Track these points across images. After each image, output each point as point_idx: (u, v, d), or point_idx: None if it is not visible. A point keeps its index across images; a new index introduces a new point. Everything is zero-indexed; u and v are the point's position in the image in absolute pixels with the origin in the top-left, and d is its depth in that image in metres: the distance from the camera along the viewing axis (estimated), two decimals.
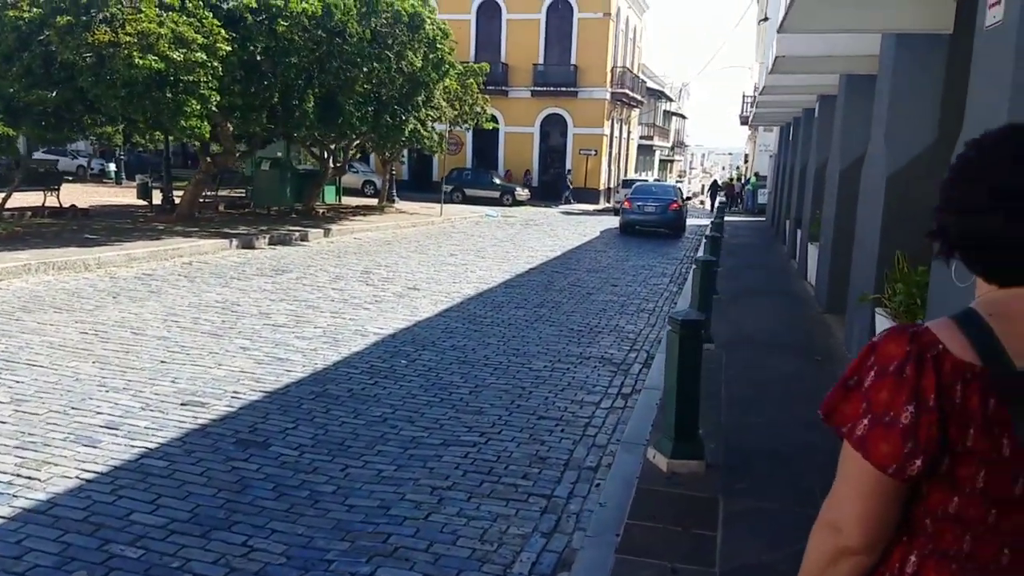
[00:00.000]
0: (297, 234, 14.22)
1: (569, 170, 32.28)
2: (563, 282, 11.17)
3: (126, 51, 9.85)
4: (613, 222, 21.84)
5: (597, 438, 4.88)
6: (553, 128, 33.46)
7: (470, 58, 28.70)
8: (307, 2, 12.36)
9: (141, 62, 9.84)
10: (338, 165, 20.56)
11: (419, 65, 14.78)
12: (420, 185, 31.22)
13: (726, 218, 24.42)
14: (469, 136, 30.79)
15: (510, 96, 32.44)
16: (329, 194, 21.96)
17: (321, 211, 19.26)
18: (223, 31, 11.12)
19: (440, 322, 7.94)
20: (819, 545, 1.13)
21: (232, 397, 5.21)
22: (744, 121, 36.94)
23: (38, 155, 29.28)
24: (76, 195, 19.23)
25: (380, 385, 5.65)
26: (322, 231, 15.02)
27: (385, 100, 15.36)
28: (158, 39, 10.07)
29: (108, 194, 21.83)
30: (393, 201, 24.00)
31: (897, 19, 5.79)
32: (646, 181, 33.30)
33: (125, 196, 20.04)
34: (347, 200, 23.89)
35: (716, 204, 32.35)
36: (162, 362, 5.92)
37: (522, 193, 29.68)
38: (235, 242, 12.32)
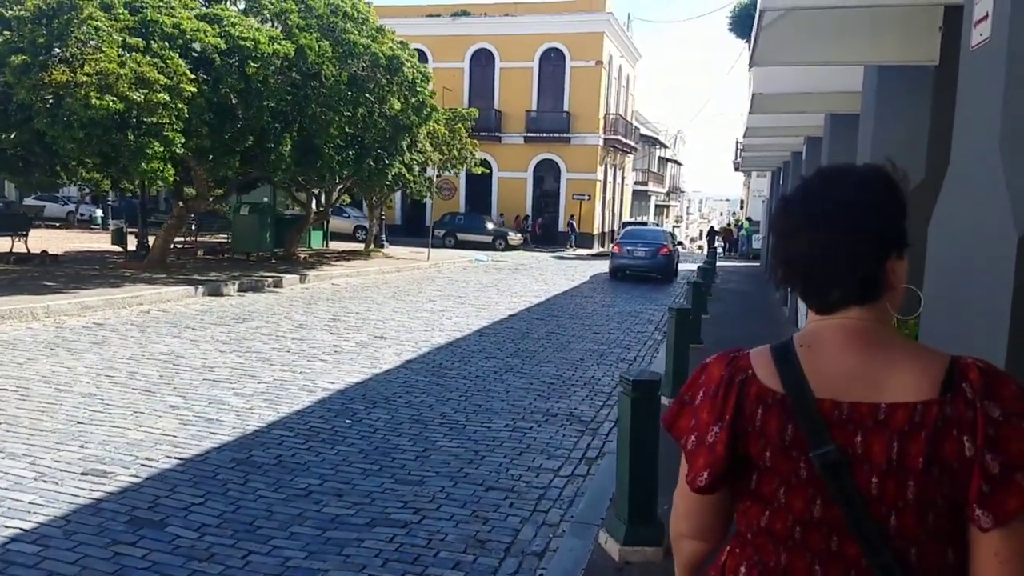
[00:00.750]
0: (270, 280, 13.71)
1: (572, 215, 32.03)
2: (542, 329, 10.63)
3: (83, 91, 9.48)
4: (605, 267, 21.40)
5: (549, 514, 4.28)
6: (547, 173, 33.43)
7: (463, 105, 28.72)
8: (279, 44, 12.10)
9: (98, 102, 9.46)
10: (321, 210, 20.24)
11: (398, 108, 14.50)
12: (413, 230, 30.95)
13: (722, 263, 24.10)
14: (463, 181, 30.67)
15: (503, 142, 32.48)
16: (315, 239, 21.59)
17: (303, 256, 18.83)
18: (188, 72, 10.77)
19: (400, 375, 7.38)
20: (671, 528, 1.29)
21: (141, 465, 4.63)
22: (736, 167, 36.90)
23: (29, 201, 29.23)
24: (57, 241, 18.92)
25: (314, 450, 5.07)
26: (298, 277, 14.53)
27: (368, 144, 15.07)
28: (118, 79, 9.71)
29: (90, 240, 21.46)
30: (382, 246, 23.65)
31: (878, 51, 5.38)
32: (645, 224, 33.04)
33: (106, 242, 19.66)
34: (337, 245, 23.55)
35: (710, 250, 32.05)
36: (78, 423, 5.35)
37: (515, 237, 29.39)
38: (201, 289, 11.79)
